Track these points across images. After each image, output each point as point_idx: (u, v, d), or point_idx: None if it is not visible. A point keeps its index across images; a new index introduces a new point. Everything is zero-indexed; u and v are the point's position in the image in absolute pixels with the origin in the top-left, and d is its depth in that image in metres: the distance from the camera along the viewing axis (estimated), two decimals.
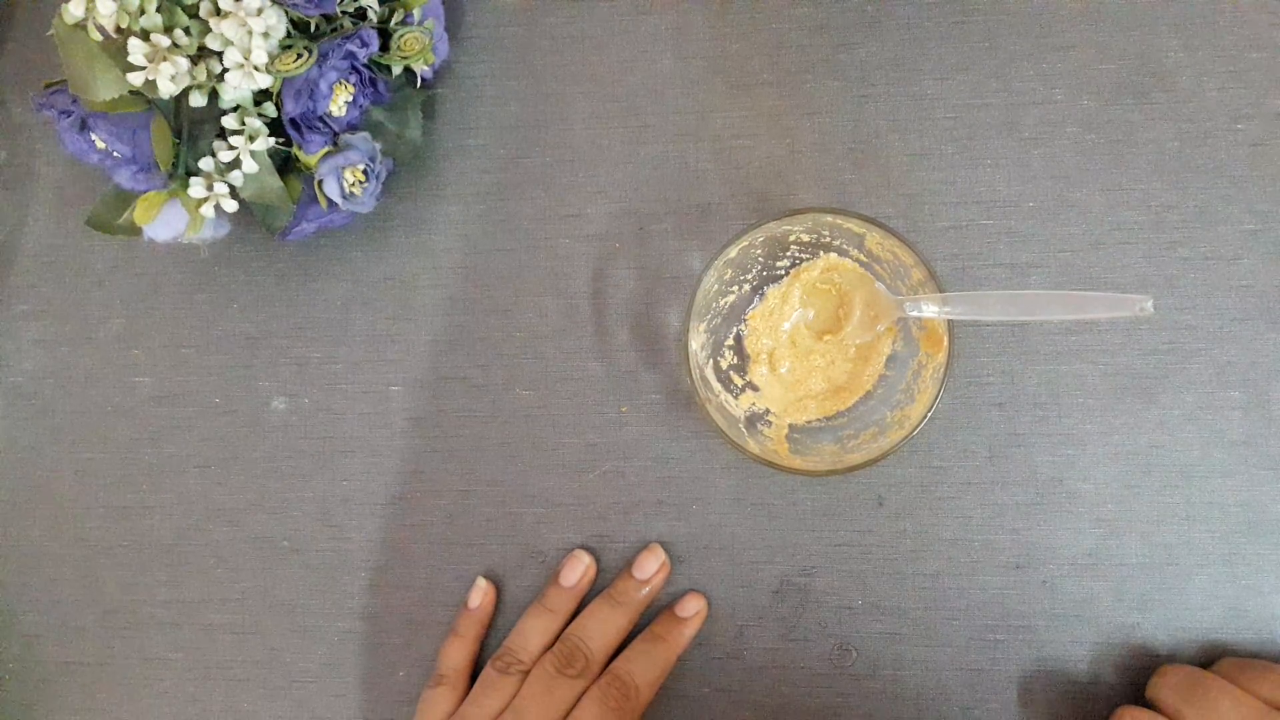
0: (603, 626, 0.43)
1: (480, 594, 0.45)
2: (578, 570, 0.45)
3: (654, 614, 0.45)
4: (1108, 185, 0.44)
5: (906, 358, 0.42)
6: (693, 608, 0.44)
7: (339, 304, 0.47)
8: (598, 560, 0.45)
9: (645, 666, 0.43)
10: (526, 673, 0.43)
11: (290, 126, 0.42)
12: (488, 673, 0.43)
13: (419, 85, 0.45)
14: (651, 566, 0.44)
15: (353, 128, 0.43)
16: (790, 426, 0.43)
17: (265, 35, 0.39)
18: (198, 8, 0.39)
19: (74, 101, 0.41)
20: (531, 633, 0.44)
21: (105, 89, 0.39)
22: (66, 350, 0.49)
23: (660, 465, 0.45)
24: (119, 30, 0.38)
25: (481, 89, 0.47)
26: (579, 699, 0.42)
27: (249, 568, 0.47)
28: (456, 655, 0.44)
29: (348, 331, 0.47)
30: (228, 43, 0.39)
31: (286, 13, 0.40)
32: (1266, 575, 0.43)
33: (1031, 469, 0.44)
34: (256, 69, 0.39)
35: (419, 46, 0.43)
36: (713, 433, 0.41)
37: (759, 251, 0.43)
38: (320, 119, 0.42)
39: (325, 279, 0.48)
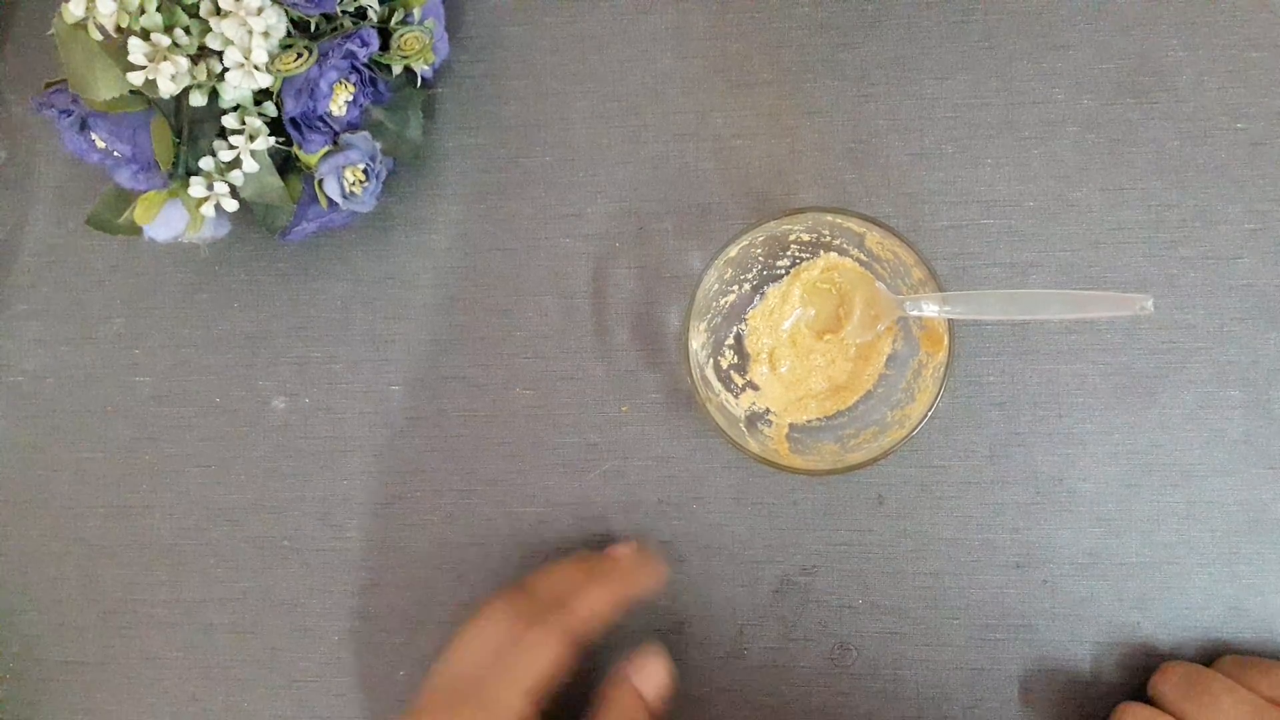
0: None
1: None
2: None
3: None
4: (1108, 185, 0.44)
5: (907, 357, 0.42)
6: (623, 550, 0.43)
7: (339, 304, 0.47)
8: None
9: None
10: None
11: (290, 126, 0.42)
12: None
13: (419, 85, 0.45)
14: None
15: (353, 127, 0.43)
16: (790, 426, 0.43)
17: (265, 35, 0.39)
18: (198, 7, 0.39)
19: (74, 101, 0.41)
20: None
21: (105, 88, 0.39)
22: (66, 350, 0.49)
23: (660, 465, 0.45)
24: (119, 30, 0.38)
25: (481, 89, 0.47)
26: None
27: (249, 567, 0.47)
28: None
29: (348, 331, 0.47)
30: (228, 42, 0.39)
31: (286, 12, 0.40)
32: (1267, 574, 0.43)
33: (1032, 468, 0.44)
34: (257, 68, 0.39)
35: (419, 46, 0.43)
36: (713, 432, 0.41)
37: (759, 251, 0.43)
38: (320, 118, 0.42)
39: (325, 279, 0.48)
